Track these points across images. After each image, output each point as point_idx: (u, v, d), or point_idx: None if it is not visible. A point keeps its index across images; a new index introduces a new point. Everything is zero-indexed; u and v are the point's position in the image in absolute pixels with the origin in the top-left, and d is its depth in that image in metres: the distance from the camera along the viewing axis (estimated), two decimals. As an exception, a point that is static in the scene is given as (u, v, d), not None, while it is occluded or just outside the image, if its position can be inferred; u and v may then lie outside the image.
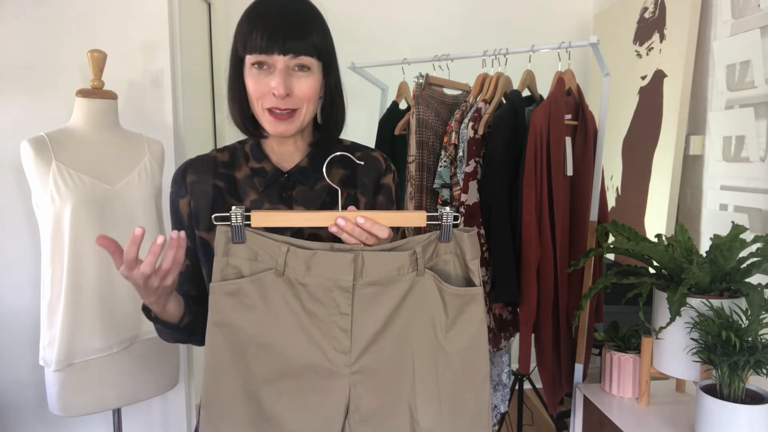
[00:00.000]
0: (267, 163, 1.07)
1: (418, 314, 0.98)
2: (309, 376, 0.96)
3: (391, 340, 0.97)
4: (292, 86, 0.98)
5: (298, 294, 0.94)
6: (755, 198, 2.01)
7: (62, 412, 1.72)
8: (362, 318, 0.96)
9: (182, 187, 1.08)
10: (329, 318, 0.95)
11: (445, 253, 0.99)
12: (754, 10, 2.03)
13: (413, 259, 0.96)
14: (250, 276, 0.94)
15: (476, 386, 1.01)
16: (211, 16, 2.81)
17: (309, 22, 1.00)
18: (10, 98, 2.00)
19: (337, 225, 0.92)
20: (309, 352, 0.95)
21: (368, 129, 2.39)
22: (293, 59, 0.97)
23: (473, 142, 1.92)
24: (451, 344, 0.99)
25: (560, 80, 1.93)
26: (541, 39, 2.20)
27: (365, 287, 0.95)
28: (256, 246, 0.93)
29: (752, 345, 1.39)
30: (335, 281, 0.94)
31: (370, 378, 0.97)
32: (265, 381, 0.95)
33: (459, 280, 1.00)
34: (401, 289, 0.96)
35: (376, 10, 3.15)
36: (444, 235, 0.98)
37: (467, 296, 0.99)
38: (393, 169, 1.15)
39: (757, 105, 2.00)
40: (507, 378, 2.17)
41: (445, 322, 0.99)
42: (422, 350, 0.99)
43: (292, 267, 0.94)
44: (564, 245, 1.93)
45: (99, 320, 1.71)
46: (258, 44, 0.96)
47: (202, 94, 2.69)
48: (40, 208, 1.70)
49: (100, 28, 2.00)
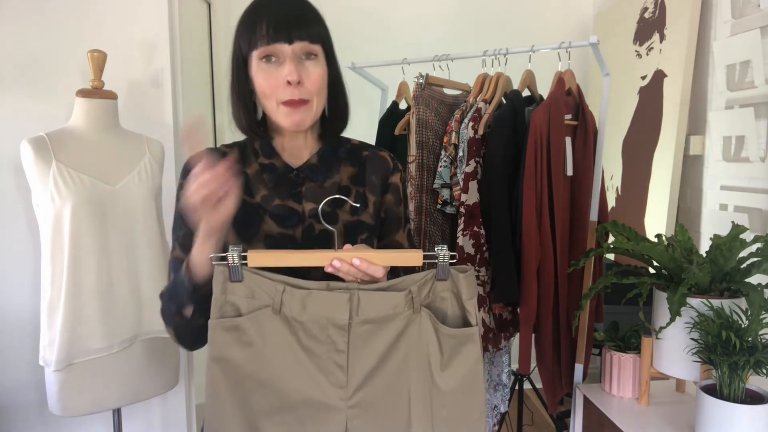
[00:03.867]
0: (277, 160, 1.09)
1: (413, 352, 0.98)
2: (307, 410, 0.97)
3: (386, 376, 0.98)
4: (303, 75, 1.00)
5: (295, 331, 0.96)
6: (755, 198, 2.01)
7: (62, 412, 1.72)
8: (358, 355, 0.96)
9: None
10: (326, 354, 0.96)
11: (442, 290, 0.99)
12: (754, 10, 2.03)
13: (408, 298, 0.97)
14: (247, 314, 0.95)
15: (471, 424, 1.01)
16: (211, 15, 2.81)
17: (310, 12, 1.02)
18: (10, 98, 1.99)
19: (332, 266, 0.93)
20: (306, 387, 0.96)
21: (368, 129, 2.39)
22: (301, 45, 0.99)
23: (473, 142, 1.92)
24: (446, 383, 0.99)
25: (560, 80, 1.93)
26: (541, 39, 2.20)
27: (361, 325, 0.96)
28: (253, 284, 0.95)
29: (752, 345, 1.39)
30: (331, 319, 0.95)
31: (367, 412, 0.98)
32: (264, 414, 0.97)
33: (456, 319, 1.00)
34: (397, 327, 0.97)
35: (376, 10, 3.15)
36: (441, 274, 0.98)
37: (462, 336, 0.98)
38: (400, 169, 1.16)
39: (757, 105, 2.00)
40: (507, 378, 2.17)
41: (440, 361, 0.99)
42: (418, 387, 0.99)
43: (289, 306, 0.95)
44: (564, 245, 1.93)
45: (99, 320, 1.71)
46: (264, 36, 0.98)
47: (202, 94, 2.69)
48: (40, 208, 1.70)
49: (100, 28, 2.00)
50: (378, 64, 2.30)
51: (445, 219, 2.08)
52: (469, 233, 1.91)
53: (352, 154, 1.13)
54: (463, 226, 1.91)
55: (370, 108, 2.67)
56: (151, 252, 1.82)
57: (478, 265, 1.92)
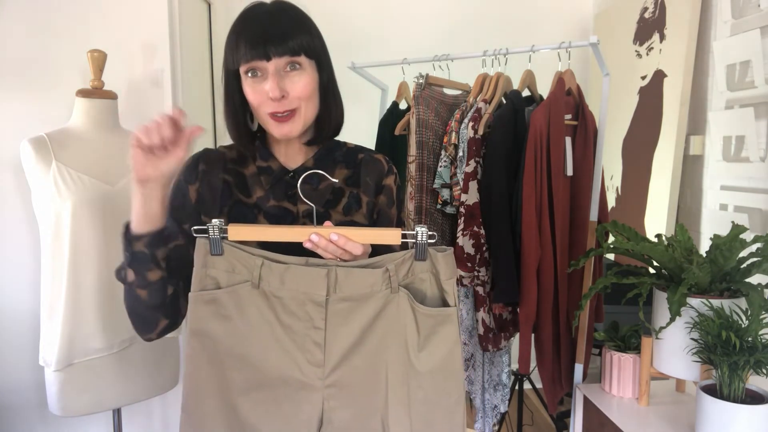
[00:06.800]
0: (273, 162, 1.11)
1: (391, 331, 0.98)
2: (283, 388, 0.97)
3: (364, 355, 0.98)
4: (286, 87, 1.01)
5: (273, 306, 0.96)
6: (755, 198, 2.01)
7: (62, 412, 1.72)
8: (336, 332, 0.97)
9: (194, 173, 1.10)
10: (303, 331, 0.96)
11: (421, 271, 0.99)
12: (754, 10, 2.03)
13: (386, 276, 0.97)
14: (226, 287, 0.96)
15: (448, 408, 1.01)
16: (211, 16, 2.81)
17: (290, 24, 1.02)
18: (10, 98, 1.99)
19: (311, 240, 0.94)
20: (283, 365, 0.97)
21: (368, 129, 2.39)
22: (281, 61, 1.00)
23: (473, 142, 1.92)
24: (423, 364, 0.99)
25: (560, 80, 1.94)
26: (541, 39, 2.20)
27: (338, 302, 0.96)
28: (233, 258, 0.96)
29: (752, 345, 1.39)
30: (309, 295, 0.95)
31: (343, 392, 0.98)
32: (241, 390, 0.97)
33: (435, 299, 1.00)
34: (375, 306, 0.97)
35: (376, 10, 3.15)
36: (419, 254, 0.97)
37: (440, 317, 0.98)
38: (395, 172, 1.18)
39: (757, 105, 2.00)
40: (507, 378, 2.17)
41: (417, 342, 0.98)
42: (395, 367, 0.99)
43: (267, 280, 0.95)
44: (564, 245, 1.93)
45: (99, 320, 1.71)
46: (244, 53, 0.99)
47: (202, 94, 2.69)
48: (40, 208, 1.70)
49: (100, 28, 2.00)
50: (378, 64, 2.30)
51: (445, 219, 2.08)
52: (469, 233, 1.91)
53: (347, 156, 1.15)
54: (463, 226, 1.91)
55: (370, 108, 2.67)
56: (151, 252, 1.81)
57: (478, 265, 1.92)
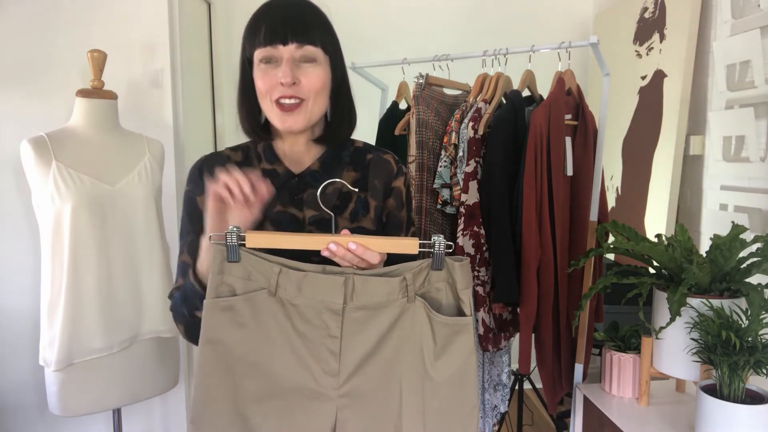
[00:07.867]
0: (279, 165, 1.09)
1: (407, 341, 0.98)
2: (296, 398, 0.96)
3: (379, 364, 0.98)
4: (299, 76, 1.00)
5: (290, 314, 0.96)
6: (755, 198, 2.01)
7: (62, 412, 1.72)
8: (351, 341, 0.96)
9: (199, 184, 1.09)
10: (319, 339, 0.96)
11: (437, 281, 0.99)
12: (754, 10, 2.03)
13: (403, 285, 0.97)
14: (242, 294, 0.95)
15: (463, 417, 1.01)
16: (211, 16, 2.80)
17: (311, 17, 1.02)
18: (10, 98, 2.00)
19: (329, 249, 0.93)
20: (297, 374, 0.96)
21: (368, 129, 2.39)
22: (298, 49, 0.99)
23: (473, 142, 1.92)
24: (439, 373, 0.98)
25: (560, 80, 1.93)
26: (541, 39, 2.20)
27: (355, 311, 0.96)
28: (250, 265, 0.95)
29: (752, 345, 1.39)
30: (326, 303, 0.95)
31: (357, 402, 0.97)
32: (253, 400, 0.97)
33: (450, 309, 1.00)
34: (391, 315, 0.97)
35: (376, 10, 3.15)
36: (436, 263, 0.97)
37: (456, 326, 0.98)
38: (405, 172, 1.15)
39: (757, 105, 2.00)
40: (507, 378, 2.17)
41: (434, 351, 0.98)
42: (410, 377, 0.99)
43: (284, 288, 0.95)
44: (564, 245, 1.93)
45: (99, 320, 1.71)
46: (263, 38, 0.99)
47: (202, 94, 2.69)
48: (40, 208, 1.70)
49: (101, 28, 2.00)
50: (378, 64, 2.30)
51: (445, 219, 2.08)
52: (469, 233, 1.91)
53: (355, 158, 1.12)
54: (463, 226, 1.91)
55: (370, 108, 2.67)
56: (151, 252, 1.82)
57: (478, 265, 1.92)
